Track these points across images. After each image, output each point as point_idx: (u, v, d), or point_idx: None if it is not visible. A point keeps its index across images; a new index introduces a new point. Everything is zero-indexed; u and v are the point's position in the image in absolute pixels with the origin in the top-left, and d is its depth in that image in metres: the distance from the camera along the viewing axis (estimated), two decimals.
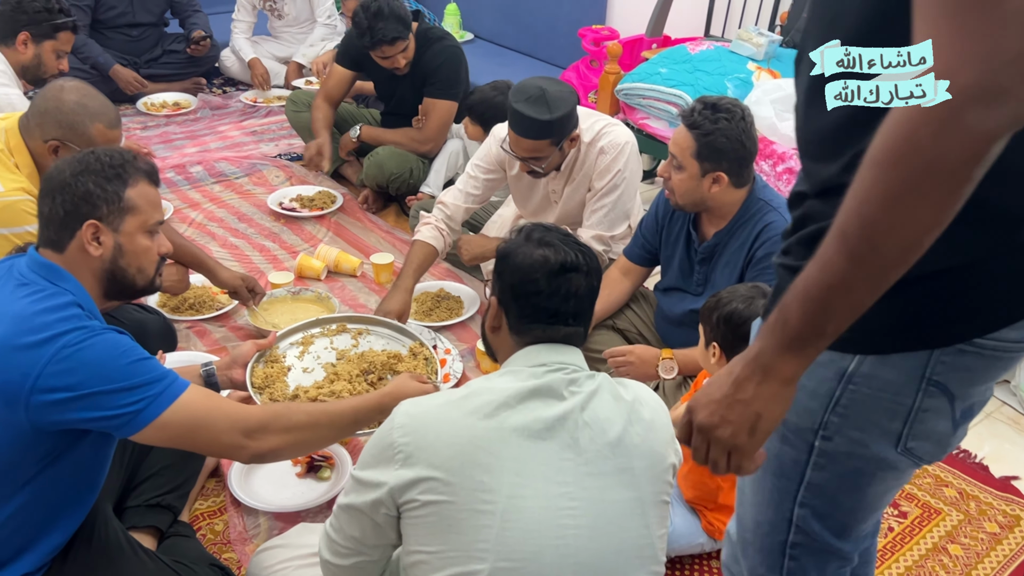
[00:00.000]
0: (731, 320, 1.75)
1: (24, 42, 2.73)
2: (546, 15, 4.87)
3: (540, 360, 1.32)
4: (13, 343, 1.33)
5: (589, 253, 1.38)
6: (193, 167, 3.86)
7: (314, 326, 2.11)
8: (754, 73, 3.12)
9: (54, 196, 1.49)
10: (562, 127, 2.43)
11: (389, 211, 3.65)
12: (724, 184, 2.12)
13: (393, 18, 3.16)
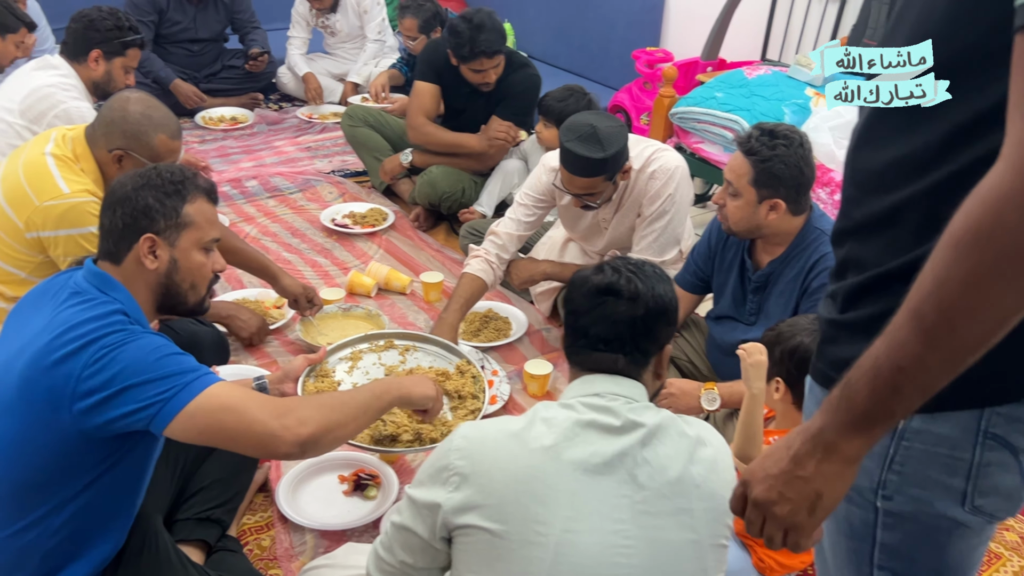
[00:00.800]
0: (796, 355, 1.72)
1: (96, 59, 2.78)
2: (600, 36, 4.88)
3: (595, 390, 1.30)
4: (58, 351, 1.36)
5: (647, 284, 1.33)
6: (249, 181, 3.92)
7: (362, 341, 2.13)
8: (812, 99, 3.08)
9: (115, 208, 1.54)
10: (615, 163, 2.42)
11: (440, 229, 3.66)
12: (781, 211, 2.09)
13: (495, 31, 3.20)
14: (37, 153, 2.14)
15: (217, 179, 3.87)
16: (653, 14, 4.59)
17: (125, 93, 2.23)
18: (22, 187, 2.09)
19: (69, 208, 2.07)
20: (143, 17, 4.38)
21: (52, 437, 1.38)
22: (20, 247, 2.14)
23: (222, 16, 4.65)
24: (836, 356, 1.03)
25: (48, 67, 2.75)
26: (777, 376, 1.77)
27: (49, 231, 2.09)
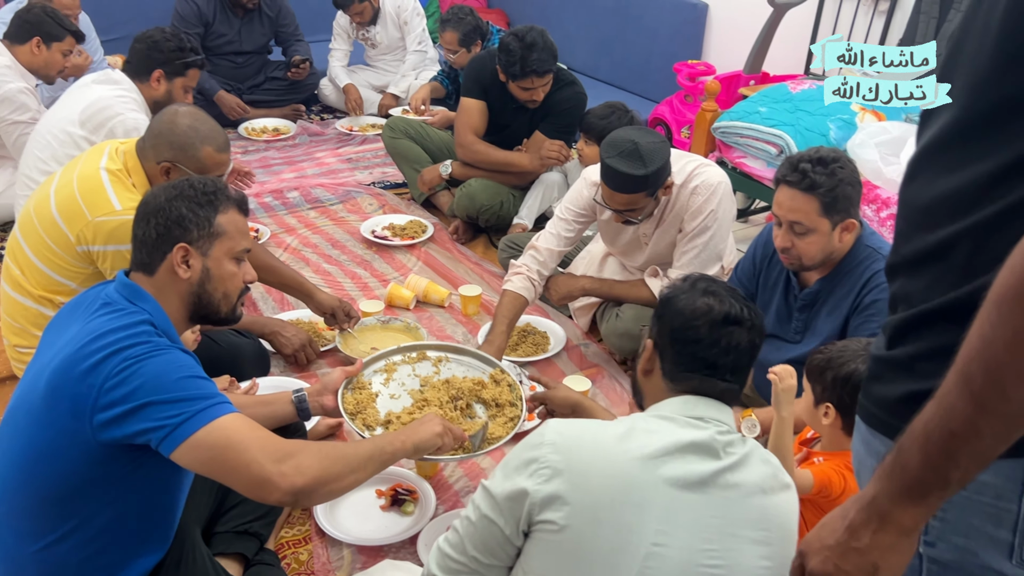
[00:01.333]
0: (849, 382, 1.68)
1: (158, 79, 2.83)
2: (641, 49, 4.86)
3: (698, 413, 1.30)
4: (83, 360, 1.38)
5: (755, 310, 1.36)
6: (290, 192, 3.95)
7: (396, 353, 2.14)
8: (858, 114, 3.04)
9: (148, 219, 1.56)
10: (656, 179, 2.41)
11: (478, 242, 3.66)
12: (854, 230, 2.08)
13: (547, 50, 3.20)
14: (92, 167, 2.18)
15: (259, 190, 3.92)
16: (695, 27, 4.56)
17: (174, 106, 2.26)
18: (76, 201, 2.13)
19: (120, 224, 2.10)
20: (189, 29, 4.44)
21: (75, 449, 1.39)
22: (71, 259, 2.18)
23: (267, 29, 4.72)
24: (881, 395, 1.01)
25: (110, 82, 2.80)
26: (827, 402, 1.73)
27: (99, 246, 2.13)
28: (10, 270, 2.29)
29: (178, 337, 1.55)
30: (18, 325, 2.30)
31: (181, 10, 4.45)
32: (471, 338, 2.89)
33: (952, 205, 0.91)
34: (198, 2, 4.46)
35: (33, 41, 3.21)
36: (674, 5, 4.62)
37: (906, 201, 1.00)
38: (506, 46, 3.22)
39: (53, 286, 2.22)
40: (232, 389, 2.25)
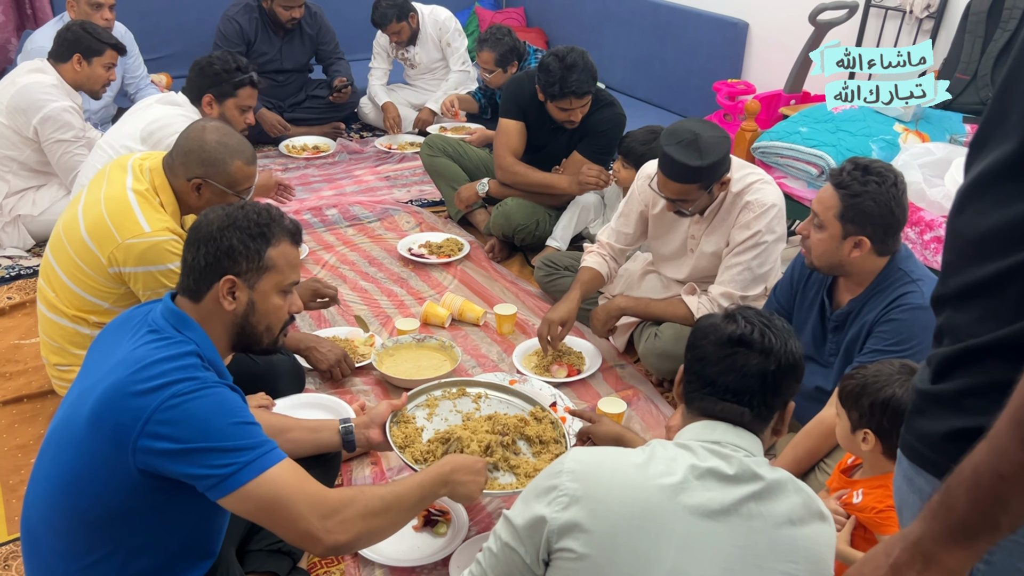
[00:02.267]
0: (888, 407, 1.64)
1: (209, 103, 2.87)
2: (680, 68, 4.83)
3: (715, 438, 1.28)
4: (130, 388, 1.38)
5: (780, 339, 1.30)
6: (329, 210, 3.99)
7: (436, 388, 2.15)
8: (901, 135, 2.98)
9: (199, 246, 1.55)
10: (712, 173, 2.41)
11: (514, 261, 3.66)
12: (865, 250, 2.02)
13: (587, 72, 3.20)
14: (118, 188, 2.20)
15: (298, 207, 3.96)
16: (735, 45, 4.52)
17: (200, 122, 2.29)
18: (104, 222, 2.15)
19: (150, 246, 2.13)
20: (231, 48, 4.52)
21: (115, 477, 1.39)
22: (102, 279, 2.20)
23: (307, 48, 4.78)
24: (924, 430, 0.98)
25: (172, 103, 2.85)
26: (866, 428, 1.69)
27: (130, 267, 2.15)
28: (44, 291, 2.32)
29: (224, 366, 1.56)
30: (56, 344, 2.33)
31: (224, 29, 4.53)
32: (505, 357, 2.88)
33: (1006, 238, 0.88)
34: (240, 21, 4.54)
35: (74, 58, 3.28)
36: (714, 23, 4.60)
37: (955, 232, 0.97)
38: (546, 66, 3.22)
39: (86, 306, 2.25)
40: (268, 406, 2.27)
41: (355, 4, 5.51)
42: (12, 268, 3.34)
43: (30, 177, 3.40)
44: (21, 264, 3.38)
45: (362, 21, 5.35)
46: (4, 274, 3.30)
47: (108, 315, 2.23)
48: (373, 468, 2.32)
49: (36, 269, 3.32)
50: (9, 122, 3.25)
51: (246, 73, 2.93)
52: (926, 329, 1.96)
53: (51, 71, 3.29)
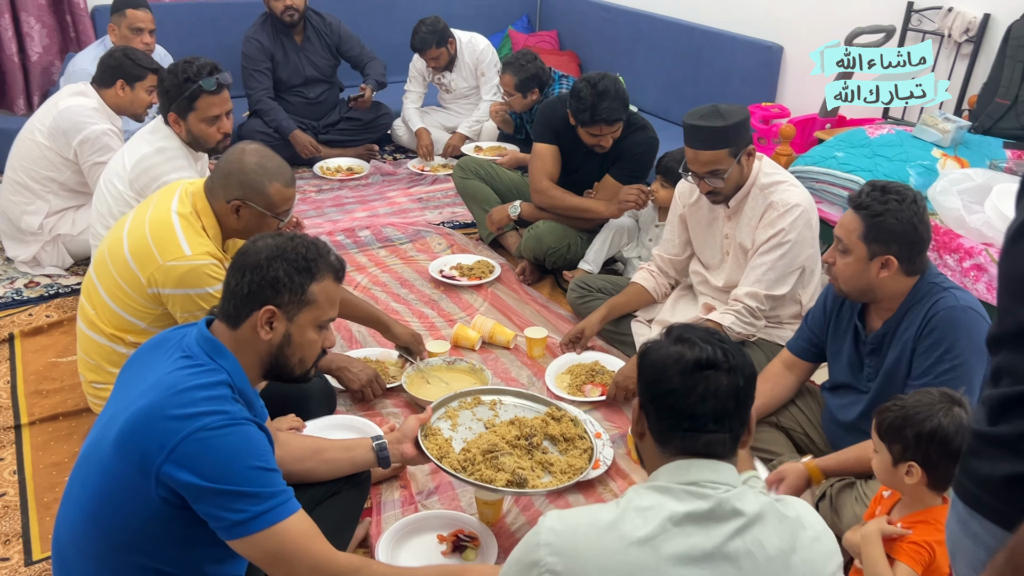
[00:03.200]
0: (935, 438, 1.60)
1: (175, 121, 2.74)
2: (713, 91, 4.81)
3: (691, 478, 1.23)
4: (160, 413, 1.39)
5: (735, 351, 1.29)
6: (362, 231, 4.01)
7: (452, 400, 2.20)
8: (939, 160, 2.94)
9: (244, 273, 1.55)
10: (738, 135, 2.49)
11: (545, 283, 3.65)
12: (893, 270, 2.00)
13: (618, 99, 3.21)
14: (164, 210, 2.22)
15: (331, 228, 3.99)
16: (769, 69, 4.50)
17: (240, 145, 2.31)
18: (147, 244, 2.18)
19: (190, 270, 2.15)
20: (258, 66, 4.60)
21: (142, 504, 1.41)
22: (142, 300, 2.23)
23: (328, 54, 4.81)
24: (980, 473, 0.95)
25: (155, 131, 2.78)
26: (911, 461, 1.64)
27: (169, 289, 2.17)
28: (85, 308, 2.35)
29: (253, 396, 1.56)
30: (93, 362, 2.36)
31: (247, 50, 4.61)
32: (536, 381, 2.86)
33: None
34: (259, 39, 4.61)
35: (118, 84, 3.33)
36: (748, 47, 4.58)
37: (1008, 272, 0.95)
38: (578, 92, 3.23)
39: (124, 325, 2.27)
40: (298, 427, 2.27)
41: (391, 28, 5.58)
42: (51, 286, 3.40)
43: (70, 197, 3.46)
44: (60, 283, 3.43)
45: (398, 44, 5.42)
46: (43, 292, 3.35)
47: (144, 335, 2.26)
48: (402, 491, 2.31)
49: (74, 288, 3.37)
50: (51, 144, 3.31)
51: (196, 80, 2.65)
52: (968, 329, 1.94)
53: (93, 94, 3.35)
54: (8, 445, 2.48)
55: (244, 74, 4.63)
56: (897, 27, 3.72)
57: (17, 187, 3.39)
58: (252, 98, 4.65)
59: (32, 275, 3.47)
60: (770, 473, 2.12)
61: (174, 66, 2.70)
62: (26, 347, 2.97)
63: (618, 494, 2.33)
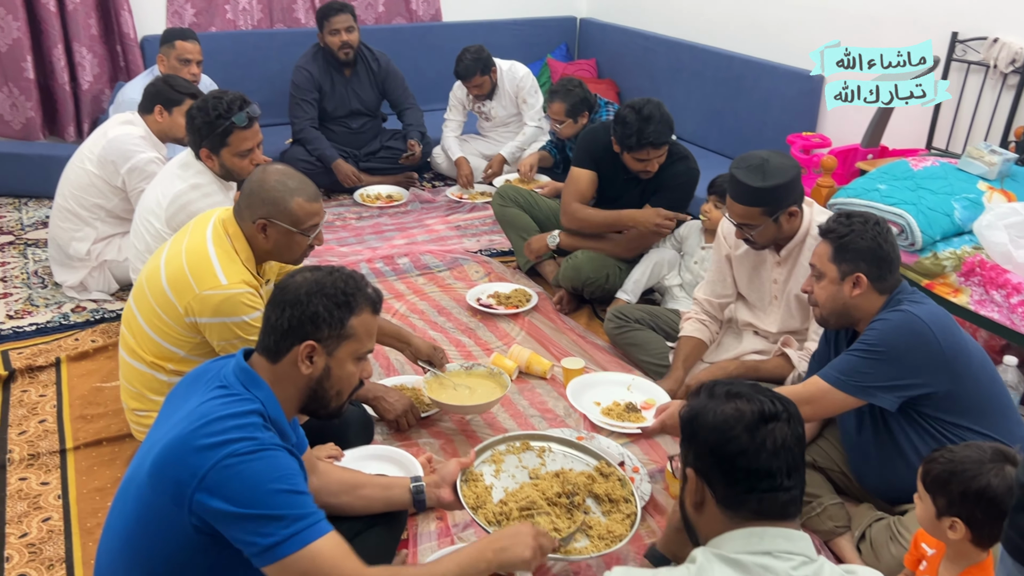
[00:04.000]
0: (983, 498, 1.55)
1: (208, 156, 2.78)
2: (753, 120, 4.79)
3: (765, 547, 1.19)
4: (191, 444, 1.41)
5: (785, 399, 1.26)
6: (400, 259, 4.04)
7: (500, 443, 2.12)
8: (985, 194, 2.89)
9: (284, 308, 1.57)
10: (776, 198, 2.47)
11: (582, 313, 3.64)
12: (864, 287, 2.09)
13: (664, 122, 3.23)
14: (199, 239, 2.26)
15: (371, 255, 4.03)
16: (810, 98, 4.47)
17: (263, 166, 2.34)
18: (184, 273, 2.21)
19: (226, 299, 2.17)
20: (306, 96, 4.67)
21: (177, 534, 1.42)
22: (179, 328, 2.26)
23: (375, 88, 4.88)
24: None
25: (187, 167, 2.83)
26: (955, 516, 1.60)
27: (206, 318, 2.20)
28: (125, 336, 2.40)
29: (287, 425, 1.58)
30: (135, 389, 2.40)
31: (296, 79, 4.69)
32: (572, 412, 2.85)
33: None
34: (309, 69, 4.69)
35: (156, 109, 3.41)
36: (788, 76, 4.56)
37: None
38: (623, 118, 3.25)
39: (163, 353, 2.31)
40: (337, 456, 2.28)
41: (431, 56, 5.65)
42: (97, 311, 3.47)
43: (116, 224, 3.53)
44: (105, 307, 3.50)
45: (437, 73, 5.49)
46: (89, 317, 3.42)
47: (184, 363, 2.29)
48: (439, 523, 2.31)
49: (119, 313, 3.43)
50: (100, 171, 3.39)
51: (228, 117, 2.69)
52: (899, 327, 2.00)
53: (140, 123, 3.43)
54: (53, 469, 2.52)
55: (291, 102, 4.71)
56: (942, 58, 3.68)
57: (66, 214, 3.47)
58: (295, 126, 4.73)
59: (79, 300, 3.55)
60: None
61: (203, 102, 2.74)
62: (72, 371, 3.03)
63: (656, 531, 2.30)
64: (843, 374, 2.05)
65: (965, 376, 2.02)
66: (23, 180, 4.67)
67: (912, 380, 2.01)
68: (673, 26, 5.48)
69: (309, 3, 5.51)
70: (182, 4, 5.15)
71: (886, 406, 2.04)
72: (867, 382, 2.02)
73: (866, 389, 2.03)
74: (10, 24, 4.62)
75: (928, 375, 2.00)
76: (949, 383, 2.01)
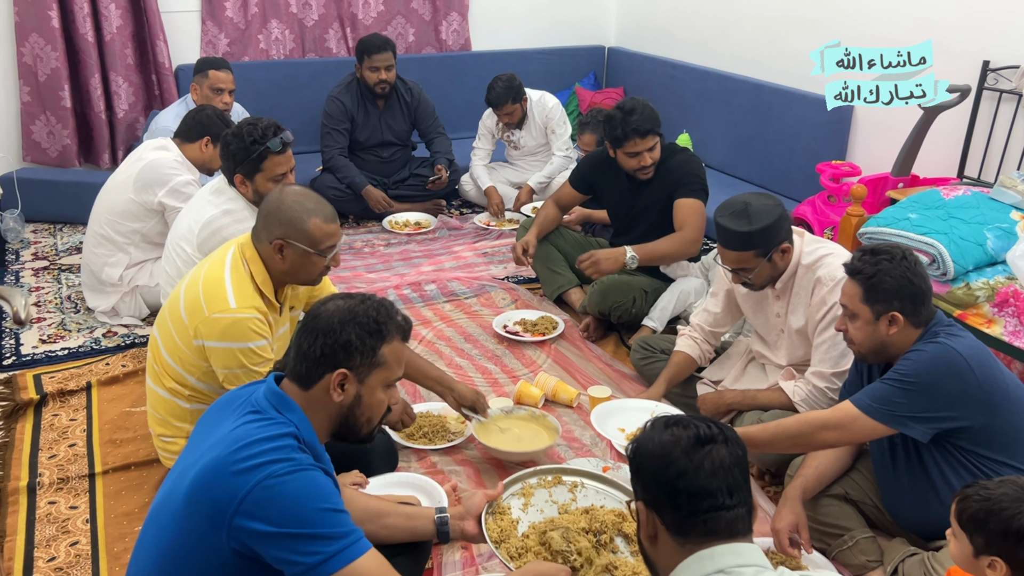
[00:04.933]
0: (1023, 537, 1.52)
1: (241, 183, 2.82)
2: (782, 148, 4.78)
3: (716, 566, 1.21)
4: (228, 467, 1.42)
5: (723, 425, 1.32)
6: (428, 285, 4.06)
7: (531, 476, 2.11)
8: (1019, 223, 2.85)
9: (316, 336, 1.58)
10: (765, 238, 2.48)
11: (609, 340, 3.63)
12: (901, 324, 2.06)
13: (647, 112, 3.32)
14: (218, 265, 2.27)
15: (399, 282, 4.05)
16: (839, 126, 4.45)
17: (280, 186, 2.35)
18: (198, 297, 2.23)
19: (234, 323, 2.18)
20: (337, 125, 4.72)
21: (212, 557, 1.42)
22: (190, 352, 2.27)
23: (407, 120, 4.93)
24: None
25: (219, 193, 2.87)
26: (994, 555, 1.56)
27: (212, 341, 2.20)
28: (150, 363, 2.42)
29: (321, 448, 1.58)
30: (159, 416, 2.42)
31: (329, 109, 4.74)
32: (599, 442, 2.83)
33: None
34: (343, 100, 4.74)
35: (203, 140, 3.46)
36: (817, 104, 4.53)
37: None
38: (609, 118, 3.37)
39: (179, 379, 2.32)
40: (361, 484, 2.28)
41: (460, 86, 5.70)
42: (128, 336, 3.51)
43: (150, 249, 3.58)
44: (136, 332, 3.54)
45: (465, 102, 5.54)
46: (120, 342, 3.46)
47: (197, 390, 2.31)
48: (463, 553, 2.29)
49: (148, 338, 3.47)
50: (136, 196, 3.43)
51: (263, 143, 2.74)
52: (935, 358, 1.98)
53: (174, 148, 3.48)
54: (82, 493, 2.54)
55: (322, 131, 4.76)
56: (972, 87, 3.65)
57: (100, 239, 3.52)
58: (325, 155, 4.77)
59: (110, 324, 3.59)
60: None
61: (238, 129, 2.78)
62: (102, 396, 3.07)
63: None
64: (875, 402, 2.02)
65: (1002, 410, 1.99)
66: (58, 206, 4.75)
67: (946, 413, 1.98)
68: (701, 54, 5.49)
69: (341, 33, 5.59)
70: (216, 34, 5.25)
71: (918, 437, 2.01)
72: (900, 411, 1.99)
73: (898, 418, 2.00)
74: (49, 54, 4.73)
75: (962, 408, 1.97)
76: (985, 417, 1.97)
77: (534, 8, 6.10)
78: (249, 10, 5.28)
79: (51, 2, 4.65)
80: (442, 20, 5.82)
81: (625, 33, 6.29)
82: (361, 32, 5.53)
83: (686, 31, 5.63)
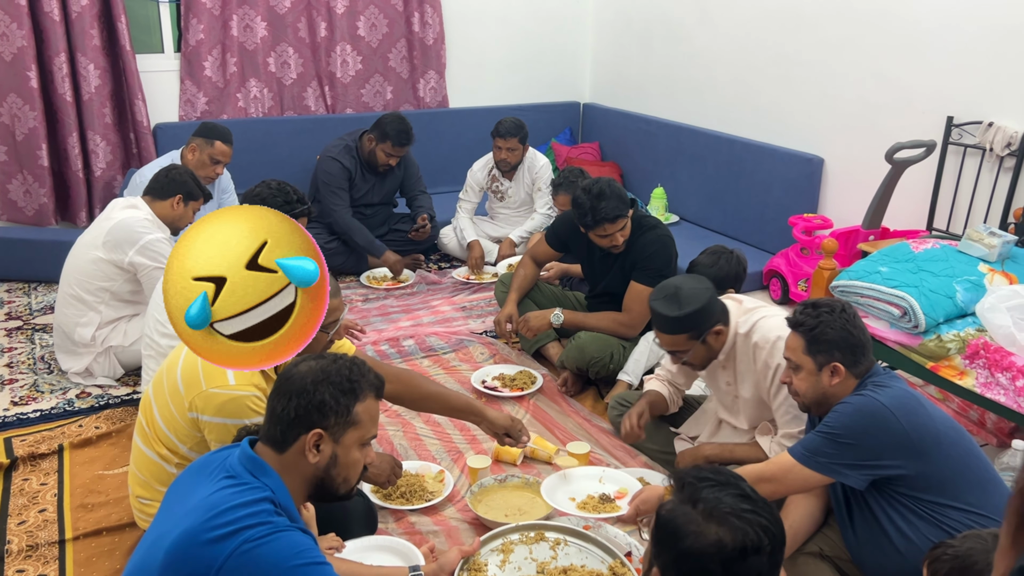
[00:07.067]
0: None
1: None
2: (755, 201, 4.86)
3: None
4: (202, 536, 1.40)
5: (771, 518, 1.26)
6: (406, 340, 4.05)
7: (513, 532, 2.08)
8: (987, 276, 2.90)
9: (290, 398, 1.58)
10: (694, 322, 2.53)
11: (587, 395, 3.63)
12: (843, 375, 2.14)
13: (615, 197, 3.33)
14: None
15: (376, 338, 4.04)
16: (810, 180, 4.54)
17: None
18: (196, 367, 2.21)
19: (231, 399, 2.15)
20: (342, 184, 4.78)
21: None
22: (183, 422, 2.24)
23: (395, 182, 4.99)
24: None
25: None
26: None
27: (208, 416, 2.18)
28: (140, 423, 2.39)
29: (297, 513, 1.57)
30: (143, 477, 2.38)
31: (329, 168, 4.74)
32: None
33: None
34: (342, 161, 4.75)
35: (176, 198, 3.48)
36: (789, 159, 4.63)
37: None
38: (577, 201, 3.39)
39: (170, 445, 2.29)
40: (339, 548, 2.25)
41: (436, 141, 5.77)
42: (102, 397, 3.47)
43: (122, 307, 3.55)
44: (110, 393, 3.50)
45: (443, 157, 5.61)
46: (94, 403, 3.42)
47: (188, 459, 2.27)
48: None
49: (123, 399, 3.43)
50: (106, 254, 3.42)
51: (305, 204, 2.97)
52: (859, 410, 2.03)
53: (144, 207, 3.49)
54: (52, 561, 2.49)
55: (324, 190, 4.75)
56: (938, 141, 3.75)
57: (71, 299, 3.49)
58: (334, 215, 4.73)
59: (84, 385, 3.55)
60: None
61: (281, 186, 2.99)
62: (75, 459, 3.02)
63: None
64: (808, 451, 2.08)
65: (935, 455, 2.03)
66: (33, 265, 4.72)
67: (877, 462, 2.03)
68: (674, 110, 5.60)
69: (319, 91, 5.65)
70: (194, 93, 5.30)
71: (855, 484, 2.06)
72: (833, 461, 2.05)
73: (831, 467, 2.06)
74: (27, 114, 4.75)
75: (893, 457, 2.02)
76: (919, 463, 2.02)
77: (510, 65, 6.21)
78: (228, 69, 5.33)
79: (30, 63, 4.68)
80: (419, 78, 5.90)
81: (600, 90, 6.41)
82: (339, 90, 5.60)
83: (659, 87, 5.75)
